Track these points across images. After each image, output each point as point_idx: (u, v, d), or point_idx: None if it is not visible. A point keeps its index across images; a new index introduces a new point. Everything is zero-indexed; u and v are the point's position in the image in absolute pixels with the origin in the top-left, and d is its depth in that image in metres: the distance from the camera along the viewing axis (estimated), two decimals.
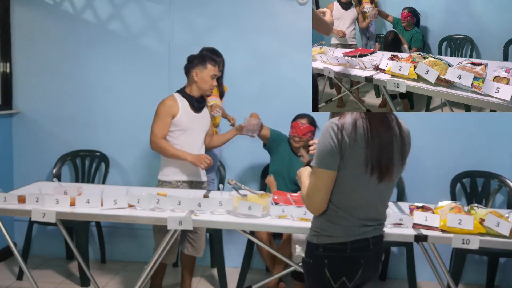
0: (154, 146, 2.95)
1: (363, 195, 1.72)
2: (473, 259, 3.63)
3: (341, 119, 1.68)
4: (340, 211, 1.72)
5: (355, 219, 1.73)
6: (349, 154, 1.65)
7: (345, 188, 1.70)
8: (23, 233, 3.56)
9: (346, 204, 1.72)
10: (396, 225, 2.30)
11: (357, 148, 1.65)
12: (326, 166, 1.66)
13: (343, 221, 1.73)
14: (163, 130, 2.92)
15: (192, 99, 2.98)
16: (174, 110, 2.92)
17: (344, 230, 1.73)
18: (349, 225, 1.73)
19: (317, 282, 1.77)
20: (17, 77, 3.86)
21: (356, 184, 1.70)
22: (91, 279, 2.98)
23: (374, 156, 1.66)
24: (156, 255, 2.56)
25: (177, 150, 2.93)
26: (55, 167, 3.73)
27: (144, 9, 3.72)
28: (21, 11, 3.80)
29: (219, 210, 2.43)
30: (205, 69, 2.94)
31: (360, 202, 1.73)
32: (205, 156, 2.94)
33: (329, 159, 1.65)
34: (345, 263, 1.74)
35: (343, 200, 1.72)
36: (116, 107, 3.80)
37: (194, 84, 2.97)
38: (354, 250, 1.73)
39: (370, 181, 1.70)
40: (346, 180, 1.69)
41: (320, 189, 1.70)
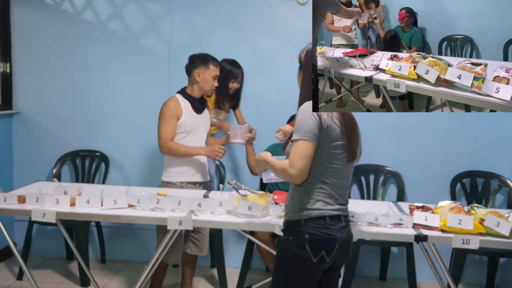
0: (165, 150, 2.91)
1: (336, 171, 1.90)
2: (473, 259, 3.63)
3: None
4: (319, 183, 1.88)
5: (330, 194, 1.89)
6: (326, 130, 1.85)
7: (322, 161, 1.87)
8: (23, 233, 3.56)
9: (323, 178, 1.88)
10: (396, 225, 2.30)
11: (333, 126, 1.87)
12: (310, 137, 1.83)
13: (321, 195, 1.87)
14: (171, 132, 2.89)
15: (193, 100, 2.97)
16: (178, 112, 2.91)
17: (322, 204, 1.87)
18: (327, 200, 1.88)
19: (297, 258, 1.85)
20: (17, 77, 3.86)
21: (331, 158, 1.88)
22: (91, 279, 2.98)
23: (346, 137, 1.89)
24: (156, 255, 2.56)
25: (188, 148, 2.92)
26: (55, 167, 3.73)
27: (144, 9, 3.72)
28: (21, 11, 3.80)
29: (219, 210, 2.43)
30: (207, 69, 2.92)
31: (334, 177, 1.89)
32: (218, 147, 2.93)
33: (313, 131, 1.83)
34: (324, 238, 1.85)
35: (321, 173, 1.88)
36: (116, 107, 3.80)
37: (196, 85, 2.96)
38: (332, 225, 1.87)
39: (342, 159, 1.90)
40: (323, 153, 1.87)
41: (305, 158, 1.82)
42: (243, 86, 3.50)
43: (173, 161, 2.96)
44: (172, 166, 2.98)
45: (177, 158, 2.94)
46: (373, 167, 3.67)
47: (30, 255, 3.58)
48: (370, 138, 3.64)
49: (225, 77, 3.26)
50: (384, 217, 2.31)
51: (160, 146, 2.91)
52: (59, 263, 3.81)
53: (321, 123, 1.85)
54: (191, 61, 2.97)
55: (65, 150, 3.80)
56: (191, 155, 2.94)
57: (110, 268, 3.75)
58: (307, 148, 1.83)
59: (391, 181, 3.68)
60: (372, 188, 3.68)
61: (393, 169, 3.64)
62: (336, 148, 1.89)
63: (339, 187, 1.93)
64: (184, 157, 2.94)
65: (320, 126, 1.85)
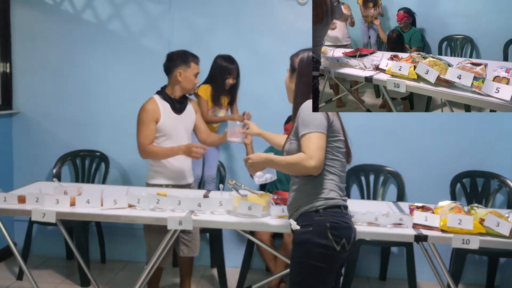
0: (144, 155, 2.84)
1: (342, 164, 2.01)
2: (473, 259, 3.63)
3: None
4: (329, 175, 1.95)
5: (339, 185, 1.98)
6: (332, 124, 1.96)
7: (330, 154, 1.96)
8: (23, 233, 3.56)
9: (332, 170, 1.96)
10: (396, 225, 2.30)
11: (336, 121, 1.99)
12: (323, 130, 1.91)
13: (332, 185, 1.95)
14: (150, 137, 2.81)
15: (173, 101, 2.87)
16: (157, 116, 2.81)
17: (336, 194, 1.95)
18: (338, 191, 1.97)
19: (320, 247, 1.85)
20: (17, 77, 3.86)
21: (337, 152, 1.98)
22: (91, 279, 2.98)
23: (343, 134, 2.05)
24: (156, 255, 2.56)
25: (167, 150, 2.83)
26: (55, 167, 3.73)
27: (144, 9, 3.72)
28: (21, 11, 3.80)
29: (219, 210, 2.43)
30: (188, 68, 2.83)
31: (341, 170, 1.99)
32: (195, 146, 2.81)
33: (324, 125, 1.92)
34: (344, 226, 1.90)
35: (330, 165, 1.96)
36: (116, 107, 3.80)
37: (177, 85, 2.86)
38: (346, 214, 1.96)
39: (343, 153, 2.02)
40: (331, 146, 1.96)
41: (322, 149, 1.90)
42: (243, 85, 3.51)
43: (155, 165, 2.89)
44: (154, 169, 2.90)
45: (158, 161, 2.87)
46: (373, 167, 3.67)
47: (30, 255, 3.58)
48: (370, 138, 3.66)
49: (221, 74, 3.27)
50: (384, 217, 2.31)
51: (139, 151, 2.84)
52: (59, 263, 3.81)
53: (328, 117, 1.95)
54: (171, 60, 2.85)
55: (65, 150, 3.80)
56: (170, 156, 2.85)
57: (110, 268, 3.75)
58: (323, 140, 1.90)
59: (391, 181, 3.68)
60: (372, 188, 3.68)
61: (393, 169, 3.64)
62: (340, 143, 2.00)
63: (342, 180, 2.02)
64: (164, 159, 2.86)
65: (328, 119, 1.95)
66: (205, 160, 3.45)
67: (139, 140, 2.83)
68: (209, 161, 3.47)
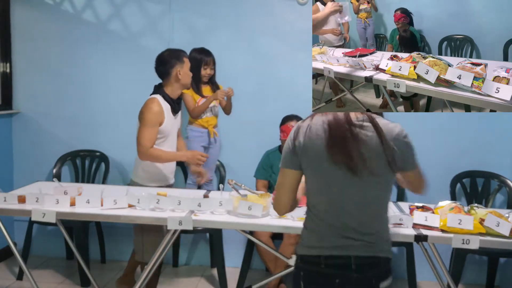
0: (144, 157, 2.78)
1: (332, 196, 1.62)
2: (473, 259, 3.63)
3: (305, 120, 1.68)
4: (312, 215, 1.67)
5: (329, 226, 1.62)
6: (304, 152, 1.62)
7: (311, 188, 1.67)
8: (23, 233, 3.56)
9: (317, 207, 1.65)
10: (396, 225, 2.30)
11: (313, 145, 1.61)
12: (285, 165, 1.68)
13: (317, 227, 1.64)
14: (153, 139, 2.76)
15: (173, 102, 2.87)
16: (162, 118, 2.79)
17: (319, 239, 1.62)
18: (324, 233, 1.62)
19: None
20: (17, 77, 3.86)
21: (320, 183, 1.63)
22: (91, 279, 2.97)
23: (335, 151, 1.58)
24: (157, 255, 2.56)
25: (170, 154, 2.86)
26: (55, 167, 3.73)
27: (144, 9, 3.72)
28: (21, 11, 3.80)
29: (219, 210, 2.43)
30: (183, 64, 2.84)
31: (330, 205, 1.62)
32: (200, 154, 2.88)
33: (287, 158, 1.68)
34: (319, 279, 1.60)
35: (313, 202, 1.67)
36: (116, 107, 3.79)
37: (178, 83, 2.85)
38: (329, 266, 1.58)
39: (336, 180, 1.60)
40: (310, 179, 1.66)
41: (282, 188, 1.69)
42: (243, 85, 3.52)
43: (140, 165, 2.88)
44: (139, 169, 2.89)
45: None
46: None
47: (30, 255, 3.58)
48: None
49: (197, 66, 3.29)
50: None
51: (140, 153, 2.76)
52: (59, 263, 3.81)
53: (294, 146, 1.69)
54: (165, 62, 2.83)
55: (65, 150, 3.80)
56: (171, 161, 2.89)
57: (110, 268, 3.75)
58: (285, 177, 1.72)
59: None
60: None
61: None
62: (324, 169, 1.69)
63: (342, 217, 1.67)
64: (165, 162, 2.87)
65: (294, 150, 1.69)
66: (204, 163, 3.45)
67: (141, 142, 2.75)
68: (208, 164, 3.46)
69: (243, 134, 3.71)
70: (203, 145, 3.41)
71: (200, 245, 3.89)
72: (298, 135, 1.64)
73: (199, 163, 2.88)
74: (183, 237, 3.79)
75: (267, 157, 3.42)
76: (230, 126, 3.65)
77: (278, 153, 3.40)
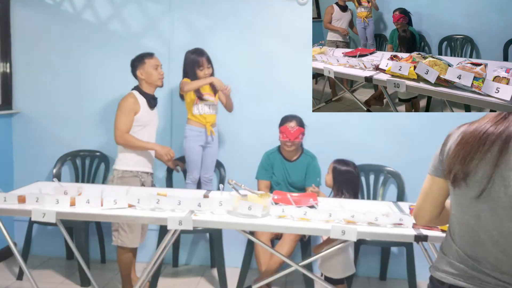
0: (120, 140, 3.09)
1: (469, 220, 1.40)
2: None
3: (464, 126, 1.52)
4: (448, 234, 1.50)
5: (460, 253, 1.42)
6: (445, 162, 1.46)
7: (453, 205, 1.48)
8: (23, 233, 3.56)
9: (452, 227, 1.47)
10: (396, 225, 2.30)
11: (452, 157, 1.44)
12: (430, 171, 1.55)
13: (449, 250, 1.47)
14: (128, 125, 3.08)
15: (148, 96, 3.16)
16: (136, 107, 3.10)
17: (449, 265, 1.45)
18: (453, 260, 1.44)
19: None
20: (17, 77, 3.86)
21: (458, 201, 1.43)
22: (91, 279, 2.97)
23: (461, 164, 1.39)
24: (157, 255, 2.56)
25: (143, 142, 3.12)
26: (55, 167, 3.73)
27: (144, 9, 3.72)
28: (21, 11, 3.80)
29: (219, 210, 2.43)
30: (144, 65, 3.12)
31: (464, 228, 1.42)
32: (169, 150, 3.21)
33: (433, 164, 1.54)
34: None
35: (451, 220, 1.49)
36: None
37: (144, 82, 3.16)
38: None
39: (471, 200, 1.39)
40: (452, 195, 1.47)
41: (423, 195, 1.58)
42: (242, 85, 3.50)
43: (126, 152, 3.13)
44: (127, 154, 3.13)
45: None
46: (373, 167, 3.67)
47: (30, 255, 3.58)
48: (370, 138, 3.66)
49: (192, 67, 3.32)
50: (384, 217, 2.31)
51: (116, 136, 3.09)
52: (59, 263, 3.81)
53: (442, 152, 1.55)
54: (131, 66, 3.18)
55: (65, 150, 3.80)
56: (145, 149, 3.15)
57: (110, 268, 3.75)
58: (428, 185, 1.61)
59: (391, 181, 3.68)
60: (372, 188, 3.68)
61: (393, 169, 3.64)
62: (459, 185, 1.47)
63: (479, 248, 1.43)
64: (137, 150, 3.12)
65: (441, 157, 1.55)
66: (203, 162, 3.46)
67: (118, 126, 3.08)
68: (206, 163, 3.47)
69: (243, 134, 3.72)
70: (201, 144, 3.41)
71: (200, 245, 3.89)
72: (447, 141, 1.52)
73: (167, 158, 3.19)
74: (183, 237, 3.79)
75: (267, 157, 3.42)
76: (230, 126, 3.65)
77: (277, 154, 3.40)
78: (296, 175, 3.35)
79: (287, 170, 3.35)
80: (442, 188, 1.51)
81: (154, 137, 3.27)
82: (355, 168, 2.93)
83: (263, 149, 3.48)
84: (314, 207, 2.47)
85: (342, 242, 2.37)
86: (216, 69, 3.45)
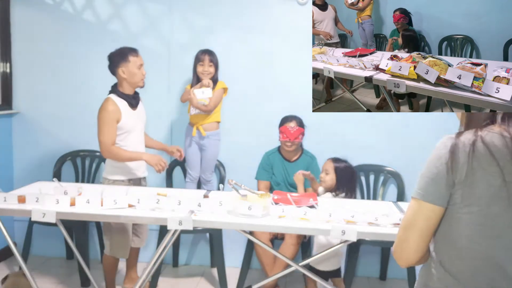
0: (107, 155, 2.91)
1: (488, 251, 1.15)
2: None
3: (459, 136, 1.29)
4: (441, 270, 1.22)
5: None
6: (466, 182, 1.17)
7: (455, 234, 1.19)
8: (23, 233, 3.56)
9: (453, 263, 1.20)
10: (396, 225, 2.30)
11: (482, 172, 1.16)
12: (427, 198, 1.21)
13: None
14: (112, 136, 2.88)
15: (128, 97, 2.96)
16: (118, 116, 2.89)
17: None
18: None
19: None
20: (17, 77, 3.86)
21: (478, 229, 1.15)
22: (91, 279, 2.98)
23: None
24: (157, 254, 2.56)
25: (130, 153, 2.94)
26: (55, 167, 3.73)
27: (144, 9, 3.72)
28: (21, 11, 3.80)
29: (219, 210, 2.43)
30: (128, 63, 2.90)
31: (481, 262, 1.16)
32: (160, 159, 2.95)
33: (433, 188, 1.23)
34: None
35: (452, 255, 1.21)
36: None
37: (124, 82, 2.95)
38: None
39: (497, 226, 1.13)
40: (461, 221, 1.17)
41: (414, 228, 1.21)
42: (242, 85, 3.50)
43: (111, 162, 2.99)
44: (110, 166, 3.00)
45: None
46: (373, 167, 3.67)
47: (30, 255, 3.58)
48: (370, 138, 3.66)
49: (195, 61, 3.32)
50: (384, 217, 2.31)
51: (102, 151, 2.90)
52: (59, 263, 3.81)
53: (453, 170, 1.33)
54: (111, 60, 2.93)
55: (65, 150, 3.80)
56: (132, 160, 2.96)
57: None
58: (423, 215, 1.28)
59: (391, 181, 3.68)
60: (372, 188, 3.68)
61: (393, 169, 3.64)
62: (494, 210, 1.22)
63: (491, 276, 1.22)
64: (125, 161, 2.95)
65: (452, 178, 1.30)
66: (202, 162, 3.46)
67: (102, 139, 2.88)
68: (204, 164, 3.47)
69: (243, 134, 3.72)
70: (195, 143, 3.40)
71: (200, 245, 3.89)
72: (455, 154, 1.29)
73: (158, 168, 2.94)
74: (183, 237, 3.79)
75: (267, 158, 3.42)
76: (230, 126, 3.65)
77: (277, 154, 3.40)
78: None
79: (287, 170, 3.35)
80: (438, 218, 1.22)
81: (142, 139, 3.10)
82: (350, 163, 3.07)
83: (263, 149, 3.48)
84: (314, 207, 2.48)
85: (343, 242, 2.37)
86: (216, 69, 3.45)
